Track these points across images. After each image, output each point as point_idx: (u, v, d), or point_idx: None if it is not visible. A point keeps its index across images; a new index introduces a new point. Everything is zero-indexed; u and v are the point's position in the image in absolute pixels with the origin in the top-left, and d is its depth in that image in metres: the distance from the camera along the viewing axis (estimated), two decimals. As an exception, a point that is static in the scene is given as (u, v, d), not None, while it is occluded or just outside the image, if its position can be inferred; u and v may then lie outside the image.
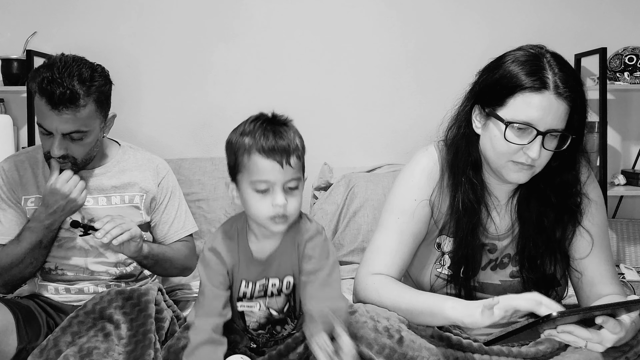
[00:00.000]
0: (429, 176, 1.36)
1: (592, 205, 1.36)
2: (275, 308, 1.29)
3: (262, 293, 1.28)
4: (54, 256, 1.65)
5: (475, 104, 1.30)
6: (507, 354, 1.23)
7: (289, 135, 1.19)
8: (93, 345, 1.34)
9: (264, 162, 1.15)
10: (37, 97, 1.48)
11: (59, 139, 1.50)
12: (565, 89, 1.18)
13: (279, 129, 1.19)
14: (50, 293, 1.66)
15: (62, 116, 1.47)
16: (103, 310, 1.42)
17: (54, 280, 1.66)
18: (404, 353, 1.11)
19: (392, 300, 1.24)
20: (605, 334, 1.05)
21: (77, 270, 1.65)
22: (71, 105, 1.46)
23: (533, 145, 1.20)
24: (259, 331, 1.33)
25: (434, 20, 2.71)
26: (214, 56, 2.70)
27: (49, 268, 1.66)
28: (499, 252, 1.38)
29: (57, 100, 1.45)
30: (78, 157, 1.55)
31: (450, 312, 1.14)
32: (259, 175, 1.16)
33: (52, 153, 1.51)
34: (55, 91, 1.44)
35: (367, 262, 1.35)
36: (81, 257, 1.65)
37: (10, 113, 2.63)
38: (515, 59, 1.24)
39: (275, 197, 1.16)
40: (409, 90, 2.73)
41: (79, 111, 1.48)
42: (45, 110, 1.47)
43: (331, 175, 2.64)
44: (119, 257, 1.66)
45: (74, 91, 1.46)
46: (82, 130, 1.51)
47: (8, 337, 1.45)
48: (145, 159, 1.75)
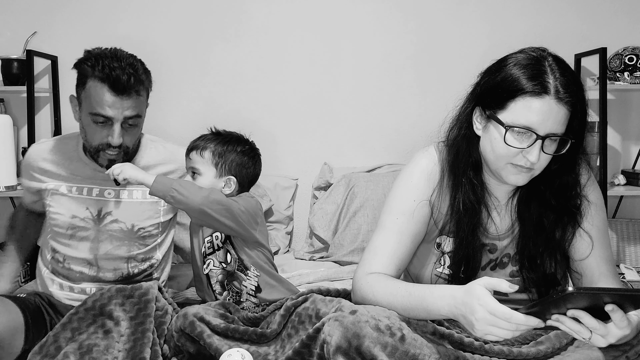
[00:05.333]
0: (428, 177, 1.36)
1: (592, 207, 1.36)
2: (222, 259, 1.62)
3: (211, 249, 1.62)
4: (65, 245, 1.65)
5: (476, 105, 1.30)
6: (508, 353, 1.24)
7: (201, 140, 1.66)
8: (93, 342, 1.35)
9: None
10: (94, 83, 1.50)
11: (119, 127, 1.53)
12: (565, 93, 1.18)
13: (203, 136, 1.69)
14: (55, 288, 1.66)
15: (125, 102, 1.51)
16: (103, 307, 1.42)
17: (60, 274, 1.66)
18: (406, 351, 1.11)
19: (387, 296, 1.24)
20: (612, 328, 1.04)
21: (84, 265, 1.64)
22: (135, 90, 1.52)
23: (533, 149, 1.20)
24: (224, 293, 1.61)
25: (434, 20, 2.72)
26: (214, 56, 2.70)
27: (57, 259, 1.66)
28: (499, 252, 1.39)
29: (123, 85, 1.49)
30: (130, 145, 1.59)
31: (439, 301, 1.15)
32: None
33: (113, 142, 1.53)
34: (121, 77, 1.48)
35: (365, 263, 1.35)
36: (92, 252, 1.64)
37: (10, 113, 2.63)
38: (516, 62, 1.24)
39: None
40: (410, 90, 2.73)
41: (140, 96, 1.55)
42: (108, 97, 1.49)
43: (331, 175, 2.64)
44: (132, 251, 1.67)
45: (137, 77, 1.52)
46: (139, 116, 1.57)
47: (17, 338, 1.46)
48: (169, 152, 1.76)
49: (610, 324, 1.04)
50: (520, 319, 1.01)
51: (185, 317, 1.42)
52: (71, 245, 1.65)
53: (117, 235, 1.65)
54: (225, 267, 1.62)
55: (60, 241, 1.66)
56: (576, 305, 1.03)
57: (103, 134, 1.54)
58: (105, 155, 1.57)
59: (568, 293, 0.96)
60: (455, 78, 1.45)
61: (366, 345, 1.10)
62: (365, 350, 1.10)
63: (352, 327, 1.12)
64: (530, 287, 1.37)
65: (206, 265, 1.64)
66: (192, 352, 1.41)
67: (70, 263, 1.65)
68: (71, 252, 1.65)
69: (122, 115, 1.52)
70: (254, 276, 1.61)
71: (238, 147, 1.67)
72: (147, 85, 1.60)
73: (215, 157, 1.63)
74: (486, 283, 1.06)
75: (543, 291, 1.37)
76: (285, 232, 2.64)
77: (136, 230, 1.67)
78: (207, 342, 1.37)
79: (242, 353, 1.33)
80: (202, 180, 1.62)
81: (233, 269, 1.62)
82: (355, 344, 1.10)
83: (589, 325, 1.03)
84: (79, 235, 1.64)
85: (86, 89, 1.53)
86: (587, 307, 1.03)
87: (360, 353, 1.10)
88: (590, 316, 1.03)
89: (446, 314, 1.14)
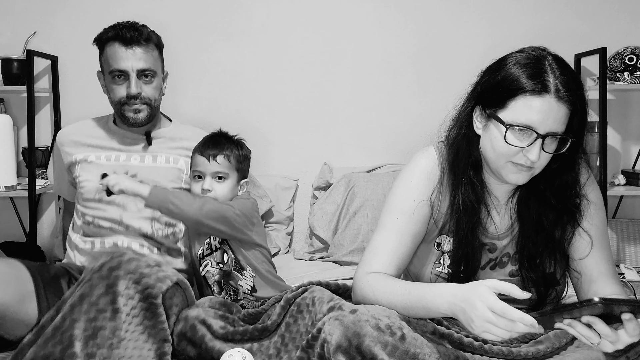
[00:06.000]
0: (428, 177, 1.37)
1: (592, 206, 1.36)
2: (219, 261, 1.65)
3: (209, 251, 1.66)
4: (94, 208, 1.75)
5: (477, 105, 1.31)
6: (507, 353, 1.24)
7: (225, 145, 1.67)
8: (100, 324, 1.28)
9: (199, 157, 1.66)
10: (109, 46, 1.74)
11: (135, 78, 1.73)
12: (566, 92, 1.19)
13: (220, 140, 1.68)
14: (88, 247, 1.74)
15: (136, 54, 1.72)
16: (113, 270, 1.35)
17: (91, 234, 1.75)
18: (406, 350, 1.11)
19: (387, 294, 1.25)
20: (622, 335, 1.04)
21: (112, 222, 1.74)
22: (143, 43, 1.74)
23: (533, 147, 1.21)
24: (222, 292, 1.65)
25: (434, 20, 2.72)
26: (214, 56, 2.70)
27: (87, 221, 1.76)
28: (498, 252, 1.39)
29: (130, 38, 1.72)
30: (151, 97, 1.77)
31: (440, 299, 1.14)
32: (195, 166, 1.67)
33: (130, 91, 1.73)
34: (128, 32, 1.72)
35: (365, 262, 1.35)
36: (118, 211, 1.74)
37: (10, 113, 2.64)
38: (517, 61, 1.24)
39: (205, 182, 1.64)
40: (409, 90, 2.73)
41: (149, 49, 1.76)
42: (120, 51, 1.72)
43: (331, 175, 2.64)
44: (155, 213, 1.72)
45: (144, 32, 1.76)
46: (152, 69, 1.76)
47: (27, 306, 1.43)
48: (196, 133, 1.87)
49: (620, 331, 1.04)
50: (514, 315, 1.01)
51: (186, 320, 1.41)
52: (99, 207, 1.75)
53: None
54: (222, 267, 1.65)
55: (89, 206, 1.76)
56: (592, 312, 1.03)
57: (122, 88, 1.74)
58: (130, 107, 1.75)
59: (594, 303, 0.96)
60: (455, 78, 1.45)
61: (366, 344, 1.10)
62: (366, 349, 1.10)
63: (352, 326, 1.12)
64: (529, 286, 1.37)
65: (203, 267, 1.66)
66: (193, 356, 1.41)
67: (99, 222, 1.75)
68: (100, 213, 1.75)
69: (134, 67, 1.72)
70: (249, 276, 1.64)
71: (247, 150, 1.75)
72: (157, 43, 1.81)
73: (238, 162, 1.68)
74: (493, 286, 1.05)
75: (542, 291, 1.37)
76: (286, 233, 2.63)
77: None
78: (209, 347, 1.37)
79: (243, 353, 1.33)
80: (228, 184, 1.65)
81: (230, 268, 1.65)
82: (355, 342, 1.11)
83: (601, 332, 1.04)
84: (106, 198, 1.74)
85: (104, 55, 1.76)
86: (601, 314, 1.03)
87: (361, 352, 1.10)
88: (604, 323, 1.03)
89: (445, 311, 1.14)
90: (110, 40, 1.73)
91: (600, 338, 1.04)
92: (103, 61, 1.78)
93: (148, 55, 1.75)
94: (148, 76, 1.75)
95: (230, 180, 1.66)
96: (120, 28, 1.73)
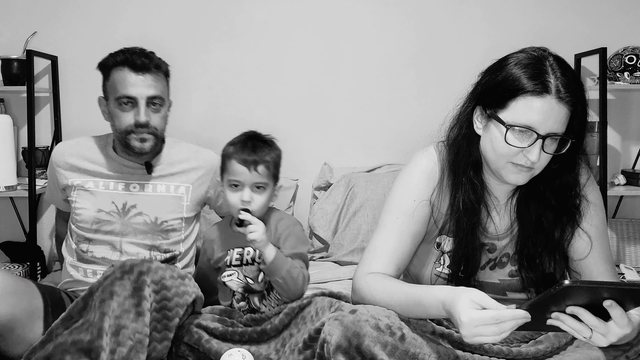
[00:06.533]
0: (428, 177, 1.37)
1: (591, 207, 1.36)
2: (251, 277, 1.56)
3: (239, 261, 1.58)
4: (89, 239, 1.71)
5: (477, 105, 1.31)
6: (507, 353, 1.24)
7: (263, 151, 1.55)
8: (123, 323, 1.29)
9: (237, 165, 1.53)
10: (118, 71, 1.66)
11: (144, 105, 1.65)
12: (566, 93, 1.19)
13: (257, 144, 1.56)
14: (80, 275, 1.70)
15: (146, 80, 1.66)
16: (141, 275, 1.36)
17: (85, 261, 1.70)
18: (406, 350, 1.11)
19: (384, 296, 1.25)
20: (612, 327, 1.04)
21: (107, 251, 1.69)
22: (153, 70, 1.67)
23: (533, 148, 1.21)
24: (240, 304, 1.57)
25: (434, 20, 2.72)
26: (214, 56, 2.70)
27: (81, 249, 1.71)
28: (498, 252, 1.39)
29: (141, 65, 1.65)
30: (158, 126, 1.70)
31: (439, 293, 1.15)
32: (233, 176, 1.54)
33: (139, 119, 1.65)
34: (139, 59, 1.66)
35: (365, 263, 1.35)
36: (117, 237, 1.71)
37: (10, 113, 2.63)
38: (517, 62, 1.24)
39: (244, 193, 1.53)
40: (410, 90, 2.73)
41: (159, 76, 1.69)
42: (130, 77, 1.65)
43: (331, 175, 2.64)
44: (155, 241, 1.71)
45: (154, 59, 1.70)
46: (161, 97, 1.69)
47: (34, 322, 1.45)
48: (192, 152, 1.84)
49: (610, 323, 1.04)
50: (505, 315, 1.01)
51: (182, 326, 1.43)
52: (95, 238, 1.71)
53: (141, 229, 1.71)
54: (251, 284, 1.57)
55: (85, 235, 1.71)
56: (575, 302, 1.03)
57: (130, 116, 1.66)
58: (137, 137, 1.67)
59: (565, 286, 0.96)
60: (455, 78, 1.44)
61: (366, 344, 1.10)
62: (365, 349, 1.10)
63: (352, 326, 1.12)
64: (529, 286, 1.37)
65: (228, 275, 1.59)
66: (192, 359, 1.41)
67: (93, 251, 1.70)
68: (95, 242, 1.70)
69: (144, 94, 1.65)
70: (274, 297, 1.57)
71: (279, 151, 1.63)
72: (166, 71, 1.73)
73: (276, 167, 1.59)
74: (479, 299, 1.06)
75: (542, 291, 1.37)
76: (286, 232, 2.63)
77: (159, 223, 1.73)
78: (205, 348, 1.37)
79: (243, 353, 1.33)
80: (267, 194, 1.56)
81: (261, 288, 1.58)
82: (355, 343, 1.11)
83: (588, 322, 1.03)
84: (103, 229, 1.70)
85: (110, 80, 1.68)
86: (587, 305, 1.03)
87: (360, 352, 1.10)
88: (590, 314, 1.03)
89: (441, 316, 1.16)
90: (119, 66, 1.66)
91: (591, 331, 1.04)
92: (108, 87, 1.69)
93: (158, 82, 1.69)
94: (156, 104, 1.68)
95: (269, 190, 1.57)
96: (130, 54, 1.67)
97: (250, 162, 1.52)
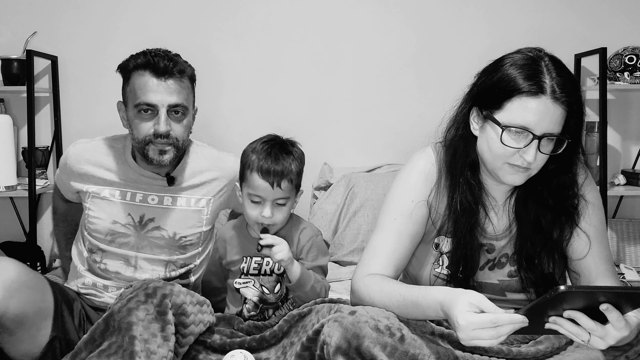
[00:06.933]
0: (426, 177, 1.37)
1: (590, 206, 1.36)
2: (268, 287, 1.53)
3: (256, 271, 1.54)
4: (103, 250, 1.62)
5: (473, 106, 1.31)
6: (507, 353, 1.24)
7: (287, 162, 1.47)
8: (153, 348, 1.27)
9: (259, 181, 1.45)
10: (139, 75, 1.52)
11: (165, 114, 1.52)
12: (562, 93, 1.18)
13: (280, 154, 1.47)
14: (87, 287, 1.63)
15: (169, 86, 1.51)
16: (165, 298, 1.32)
17: (96, 273, 1.63)
18: (406, 351, 1.11)
19: (382, 298, 1.25)
20: (610, 330, 1.04)
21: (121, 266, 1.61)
22: (177, 75, 1.53)
23: (529, 149, 1.21)
24: (252, 313, 1.54)
25: (434, 20, 2.71)
26: (214, 56, 2.70)
27: (94, 259, 1.63)
28: (497, 252, 1.39)
29: (164, 68, 1.51)
30: (180, 137, 1.56)
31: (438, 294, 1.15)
32: (254, 190, 1.47)
33: (158, 128, 1.51)
34: (162, 62, 1.51)
35: (363, 264, 1.35)
36: (132, 251, 1.62)
37: (10, 113, 2.63)
38: (513, 62, 1.24)
39: (264, 209, 1.47)
40: (409, 90, 2.73)
41: (183, 82, 1.55)
42: (151, 82, 1.51)
43: (331, 175, 2.64)
44: (172, 256, 1.64)
45: (179, 62, 1.56)
46: (184, 105, 1.55)
47: (43, 321, 1.40)
48: (214, 160, 1.72)
49: (608, 326, 1.04)
50: (504, 319, 1.02)
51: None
52: (109, 250, 1.62)
53: (158, 243, 1.62)
54: (268, 294, 1.54)
55: (99, 245, 1.63)
56: (572, 306, 1.03)
57: (149, 124, 1.53)
58: (156, 148, 1.54)
59: (561, 292, 0.96)
60: (455, 78, 1.44)
61: (366, 345, 1.10)
62: (365, 351, 1.10)
63: (351, 328, 1.12)
64: (528, 287, 1.37)
65: (244, 282, 1.55)
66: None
67: (107, 264, 1.62)
68: (109, 255, 1.62)
69: (166, 102, 1.51)
70: (287, 308, 1.56)
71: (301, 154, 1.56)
72: (191, 76, 1.60)
73: (299, 177, 1.52)
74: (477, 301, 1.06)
75: (541, 291, 1.37)
76: (285, 232, 2.64)
77: (178, 239, 1.64)
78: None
79: (245, 354, 1.33)
80: (288, 207, 1.51)
81: (275, 300, 1.55)
82: (354, 344, 1.11)
83: (586, 326, 1.03)
84: (118, 241, 1.61)
85: (130, 83, 1.55)
86: (584, 309, 1.03)
87: (360, 353, 1.10)
88: (587, 317, 1.03)
89: (438, 317, 1.16)
90: (140, 69, 1.52)
91: (589, 335, 1.04)
92: (128, 91, 1.56)
93: (181, 88, 1.54)
94: (179, 113, 1.55)
95: (290, 202, 1.51)
96: (153, 55, 1.52)
97: (274, 178, 1.44)
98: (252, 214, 1.48)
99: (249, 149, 1.51)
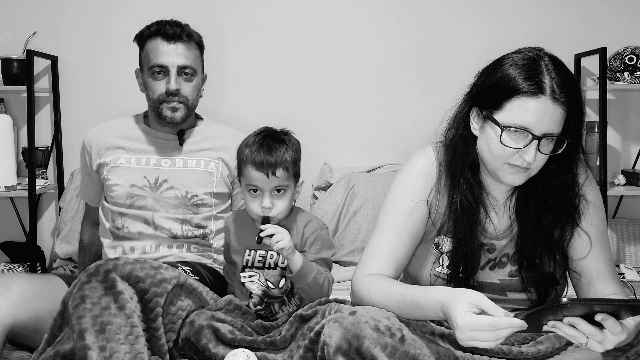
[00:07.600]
0: (426, 177, 1.37)
1: (590, 206, 1.36)
2: (272, 281, 1.53)
3: (261, 264, 1.53)
4: (124, 214, 1.76)
5: (473, 106, 1.31)
6: (507, 353, 1.24)
7: (279, 151, 1.48)
8: (107, 320, 1.27)
9: (254, 172, 1.46)
10: (150, 41, 1.75)
11: (175, 74, 1.73)
12: (562, 94, 1.18)
13: (273, 145, 1.48)
14: (119, 254, 1.73)
15: (177, 49, 1.74)
16: (109, 273, 1.32)
17: (121, 238, 1.76)
18: (406, 351, 1.11)
19: (382, 299, 1.25)
20: (608, 335, 1.05)
21: (142, 223, 1.75)
22: (185, 39, 1.76)
23: (529, 149, 1.21)
24: (258, 307, 1.53)
25: (434, 20, 2.71)
26: (213, 56, 2.69)
27: (116, 226, 1.77)
28: (497, 252, 1.39)
29: (173, 34, 1.74)
30: (189, 96, 1.77)
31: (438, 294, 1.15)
32: (251, 181, 1.48)
33: (169, 86, 1.72)
34: (171, 28, 1.74)
35: (363, 264, 1.35)
36: (149, 211, 1.75)
37: (10, 113, 2.63)
38: (513, 62, 1.24)
39: (264, 200, 1.47)
40: (409, 90, 2.73)
41: (191, 46, 1.77)
42: (162, 46, 1.74)
43: (331, 175, 2.64)
44: (186, 215, 1.76)
45: (188, 30, 1.78)
46: (193, 67, 1.76)
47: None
48: (228, 132, 1.89)
49: (606, 331, 1.05)
50: (503, 322, 1.02)
51: (191, 325, 1.39)
52: (129, 213, 1.75)
53: (172, 202, 1.76)
54: (272, 289, 1.53)
55: (119, 210, 1.76)
56: (572, 314, 1.03)
57: (162, 84, 1.74)
58: (168, 105, 1.74)
59: (562, 304, 0.97)
60: (455, 78, 1.44)
61: (366, 346, 1.10)
62: (365, 351, 1.10)
63: (351, 328, 1.12)
64: (529, 286, 1.37)
65: (249, 276, 1.55)
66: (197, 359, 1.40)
67: (129, 226, 1.75)
68: (130, 218, 1.75)
69: (175, 63, 1.72)
70: (294, 304, 1.55)
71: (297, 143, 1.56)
72: (199, 42, 1.81)
73: (295, 165, 1.52)
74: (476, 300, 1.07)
75: (542, 291, 1.37)
76: (285, 232, 2.63)
77: (190, 197, 1.77)
78: (212, 353, 1.35)
79: (248, 354, 1.32)
80: (288, 196, 1.50)
81: (280, 294, 1.54)
82: (355, 344, 1.11)
83: (584, 331, 1.04)
84: (137, 204, 1.75)
85: (144, 50, 1.78)
86: (583, 315, 1.04)
87: (360, 354, 1.10)
88: (586, 322, 1.04)
89: (438, 318, 1.16)
90: (153, 36, 1.75)
91: (587, 338, 1.05)
92: (143, 57, 1.79)
93: (189, 52, 1.76)
94: (188, 74, 1.75)
95: (290, 190, 1.51)
96: (164, 24, 1.75)
97: (267, 168, 1.45)
98: (254, 207, 1.49)
99: (243, 143, 1.53)
